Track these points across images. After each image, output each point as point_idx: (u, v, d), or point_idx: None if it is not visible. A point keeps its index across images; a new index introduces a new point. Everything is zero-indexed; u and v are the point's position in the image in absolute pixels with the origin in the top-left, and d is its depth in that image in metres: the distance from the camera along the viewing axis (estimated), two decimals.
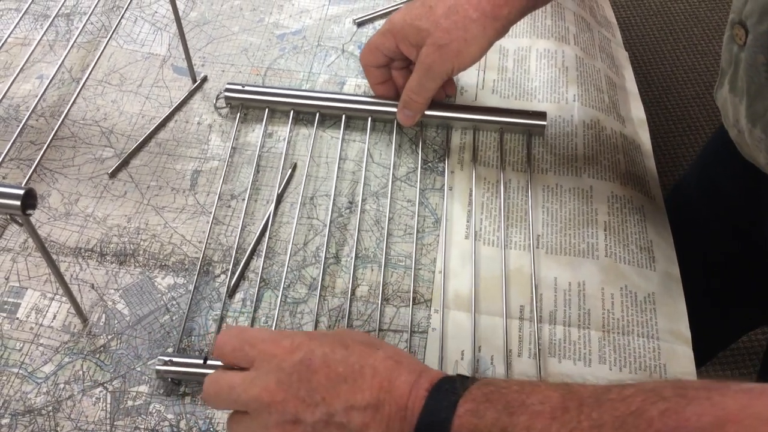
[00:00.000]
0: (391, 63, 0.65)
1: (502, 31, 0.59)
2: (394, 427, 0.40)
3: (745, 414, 0.30)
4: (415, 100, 0.63)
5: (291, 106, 0.68)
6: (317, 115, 0.67)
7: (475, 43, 0.58)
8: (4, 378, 0.53)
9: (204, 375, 0.46)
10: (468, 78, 0.72)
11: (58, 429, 0.50)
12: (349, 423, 0.41)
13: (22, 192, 0.42)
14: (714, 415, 0.31)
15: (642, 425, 0.32)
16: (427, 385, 0.41)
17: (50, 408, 0.51)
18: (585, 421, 0.35)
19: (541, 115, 0.66)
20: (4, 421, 0.51)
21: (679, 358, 0.55)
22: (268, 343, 0.44)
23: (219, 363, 0.47)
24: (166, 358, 0.52)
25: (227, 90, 0.68)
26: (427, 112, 0.65)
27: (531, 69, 0.73)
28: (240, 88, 0.68)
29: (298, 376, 0.42)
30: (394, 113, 0.66)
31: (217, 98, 0.69)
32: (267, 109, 0.68)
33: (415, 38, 0.59)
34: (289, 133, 0.67)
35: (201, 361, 0.52)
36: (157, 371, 0.52)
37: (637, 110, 0.75)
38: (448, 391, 0.40)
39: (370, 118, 0.67)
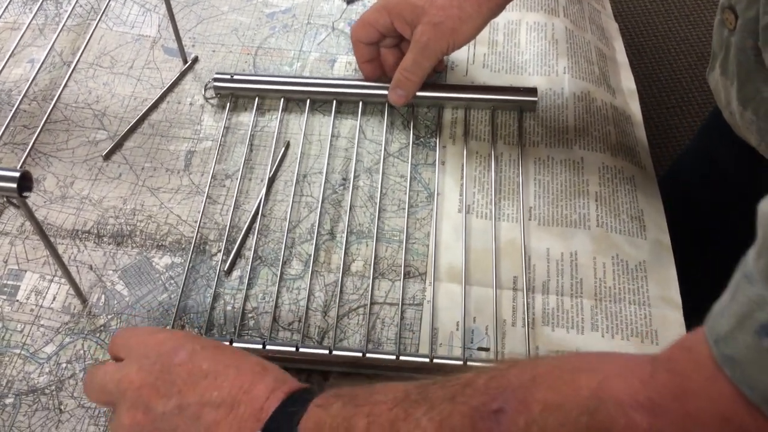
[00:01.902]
0: (382, 40, 0.65)
1: (496, 10, 0.60)
2: (246, 428, 0.40)
3: (552, 368, 0.36)
4: (410, 79, 0.63)
5: (281, 93, 0.68)
6: (308, 101, 0.67)
7: (470, 21, 0.59)
8: (7, 359, 0.54)
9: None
10: (458, 53, 0.72)
11: (62, 407, 0.51)
12: (199, 418, 0.41)
13: (17, 174, 0.42)
14: (530, 374, 0.36)
15: (472, 392, 0.36)
16: (288, 390, 0.41)
17: (53, 387, 0.52)
18: (422, 402, 0.37)
19: (532, 91, 0.67)
20: (9, 400, 0.52)
21: (670, 324, 0.56)
22: (145, 336, 0.45)
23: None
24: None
25: (216, 80, 0.67)
26: (418, 93, 0.65)
27: (521, 42, 0.73)
28: (228, 77, 0.67)
29: (160, 366, 0.42)
30: (385, 95, 0.65)
31: (206, 88, 0.69)
32: (257, 97, 0.68)
33: (410, 15, 0.59)
34: (281, 114, 0.67)
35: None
36: None
37: (627, 81, 0.75)
38: (304, 394, 0.41)
39: (361, 102, 0.67)
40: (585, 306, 0.56)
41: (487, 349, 0.54)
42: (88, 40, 0.64)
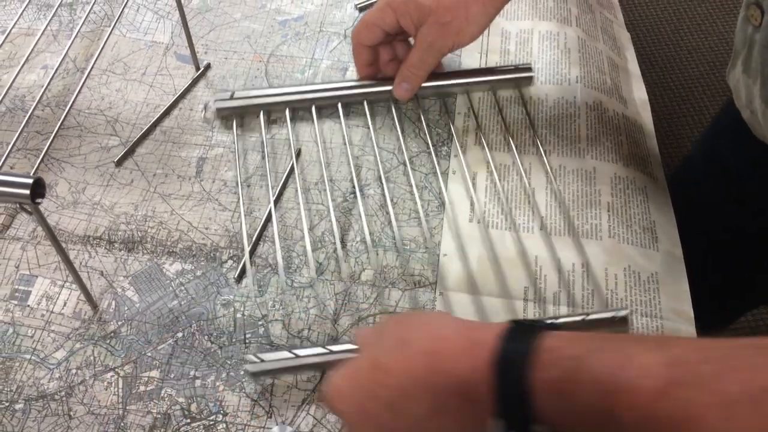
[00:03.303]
0: (385, 40, 0.64)
1: (500, 9, 0.60)
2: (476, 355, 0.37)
3: None
4: (416, 74, 0.64)
5: (285, 105, 0.67)
6: (313, 108, 0.67)
7: (476, 21, 0.59)
8: (17, 364, 0.54)
9: (299, 367, 0.50)
10: (471, 61, 0.72)
11: (71, 413, 0.51)
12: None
13: (30, 181, 0.42)
14: None
15: None
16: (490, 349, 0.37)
17: (63, 393, 0.52)
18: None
19: (527, 68, 0.68)
20: (18, 406, 0.52)
21: (682, 337, 0.55)
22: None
23: (302, 351, 0.51)
24: (256, 359, 0.51)
25: (217, 101, 0.66)
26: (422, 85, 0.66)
27: (533, 51, 0.73)
28: (228, 97, 0.66)
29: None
30: (389, 92, 0.66)
31: (205, 108, 0.68)
32: (261, 112, 0.67)
33: (417, 14, 0.60)
34: (289, 123, 0.67)
35: (291, 355, 0.52)
36: (252, 374, 0.51)
37: (639, 91, 0.75)
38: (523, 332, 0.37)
39: (366, 102, 0.67)
40: None
41: None
42: (102, 46, 0.65)
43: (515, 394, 0.34)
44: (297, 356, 0.51)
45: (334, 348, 0.52)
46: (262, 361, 0.51)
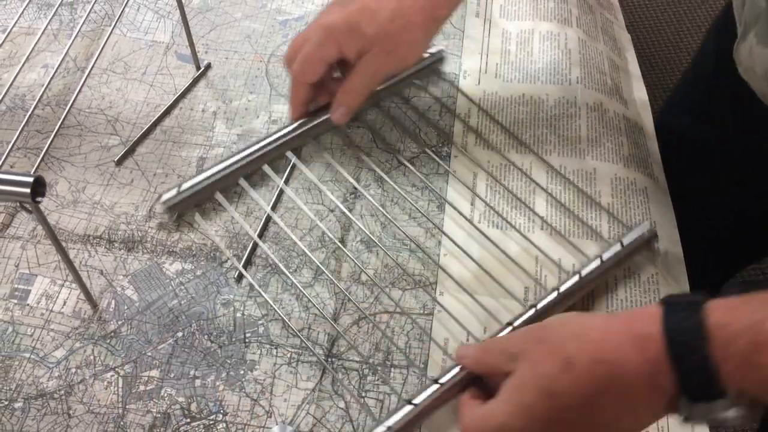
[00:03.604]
0: (327, 73, 0.61)
1: (442, 24, 0.60)
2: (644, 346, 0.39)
3: None
4: (356, 99, 0.61)
5: (237, 174, 0.61)
6: (265, 166, 0.63)
7: (420, 46, 0.60)
8: (17, 363, 0.54)
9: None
10: (471, 62, 0.72)
11: (71, 412, 0.51)
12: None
13: (31, 180, 0.42)
14: None
15: None
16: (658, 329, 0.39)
17: (62, 392, 0.52)
18: None
19: (436, 54, 0.69)
20: (18, 404, 0.52)
21: None
22: None
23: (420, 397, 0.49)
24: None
25: (165, 204, 0.59)
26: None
27: (534, 52, 0.73)
28: (176, 192, 0.59)
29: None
30: (325, 123, 0.63)
31: (155, 204, 0.61)
32: (217, 192, 0.61)
33: (360, 45, 0.57)
34: (253, 188, 0.62)
35: (411, 406, 0.49)
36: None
37: (639, 92, 0.75)
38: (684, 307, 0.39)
39: (298, 144, 0.64)
40: None
41: None
42: (103, 46, 0.65)
43: (701, 377, 0.37)
44: (415, 405, 0.49)
45: (444, 380, 0.50)
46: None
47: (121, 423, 0.51)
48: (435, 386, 0.50)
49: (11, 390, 0.52)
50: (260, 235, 0.60)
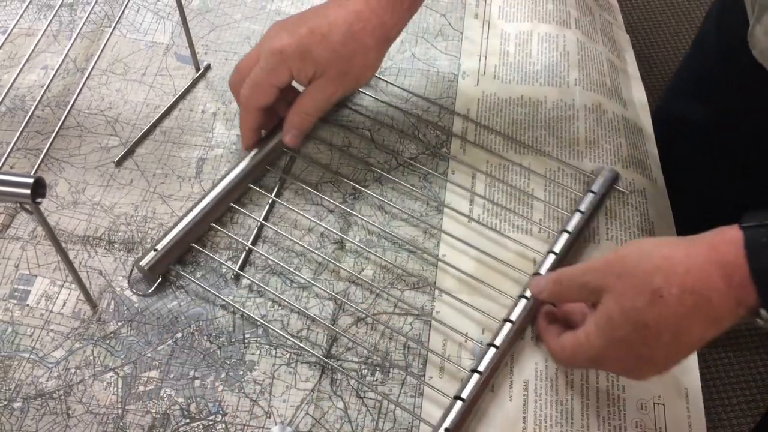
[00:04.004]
0: (278, 98, 0.60)
1: (392, 42, 0.60)
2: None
3: None
4: (308, 121, 0.61)
5: (205, 224, 0.60)
6: (229, 206, 0.61)
7: (373, 67, 0.60)
8: (16, 363, 0.54)
9: None
10: (470, 63, 0.73)
11: (70, 412, 0.52)
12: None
13: (31, 180, 0.43)
14: None
15: None
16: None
17: (61, 392, 0.52)
18: None
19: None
20: (17, 404, 0.52)
21: None
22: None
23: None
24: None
25: (146, 266, 0.56)
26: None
27: (533, 53, 0.74)
28: (154, 253, 0.56)
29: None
30: (278, 147, 0.63)
31: (130, 279, 0.58)
32: (193, 243, 0.59)
33: (313, 70, 0.57)
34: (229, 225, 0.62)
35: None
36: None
37: (638, 93, 0.75)
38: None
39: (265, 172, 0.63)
40: None
41: None
42: (102, 47, 0.65)
43: None
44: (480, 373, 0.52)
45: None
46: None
47: (121, 423, 0.51)
48: (493, 350, 0.52)
49: (10, 390, 0.52)
50: (254, 242, 0.60)
